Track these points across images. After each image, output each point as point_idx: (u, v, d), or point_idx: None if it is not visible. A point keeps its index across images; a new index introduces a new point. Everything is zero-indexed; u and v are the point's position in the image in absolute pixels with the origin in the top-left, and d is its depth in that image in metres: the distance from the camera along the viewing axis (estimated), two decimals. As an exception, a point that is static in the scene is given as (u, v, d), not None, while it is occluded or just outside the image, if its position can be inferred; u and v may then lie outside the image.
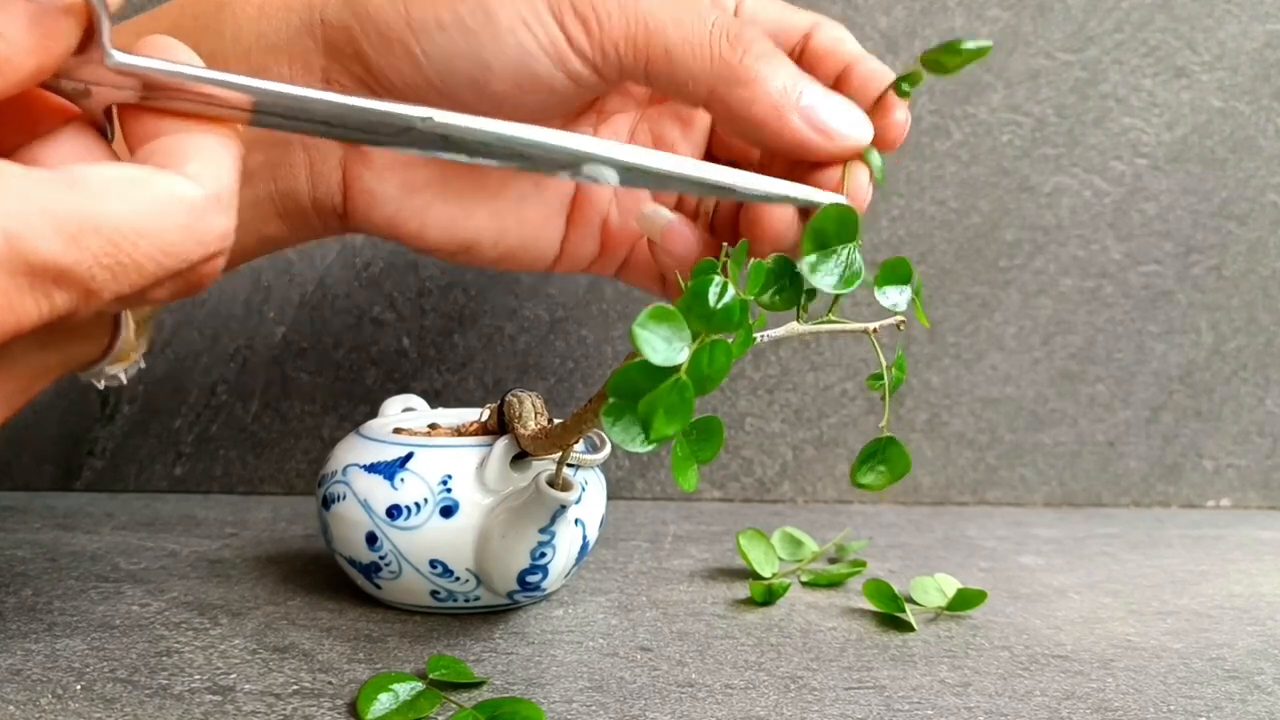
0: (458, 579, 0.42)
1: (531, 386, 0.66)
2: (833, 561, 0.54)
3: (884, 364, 0.38)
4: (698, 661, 0.41)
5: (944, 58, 0.34)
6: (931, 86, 0.66)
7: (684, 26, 0.35)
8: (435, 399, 0.66)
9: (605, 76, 0.36)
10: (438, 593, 0.43)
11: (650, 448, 0.30)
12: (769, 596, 0.47)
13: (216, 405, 0.66)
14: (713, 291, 0.30)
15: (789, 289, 0.35)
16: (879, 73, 0.38)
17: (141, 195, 0.26)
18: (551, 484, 0.38)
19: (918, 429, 0.68)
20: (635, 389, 0.30)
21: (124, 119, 0.29)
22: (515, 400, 0.43)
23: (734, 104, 0.35)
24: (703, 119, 0.43)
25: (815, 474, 0.68)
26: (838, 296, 0.36)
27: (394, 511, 0.42)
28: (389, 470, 0.43)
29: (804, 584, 0.51)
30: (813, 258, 0.35)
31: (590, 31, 0.35)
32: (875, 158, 0.37)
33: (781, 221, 0.37)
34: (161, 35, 0.29)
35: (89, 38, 0.28)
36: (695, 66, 0.35)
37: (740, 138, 0.39)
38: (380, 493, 0.42)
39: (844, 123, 0.36)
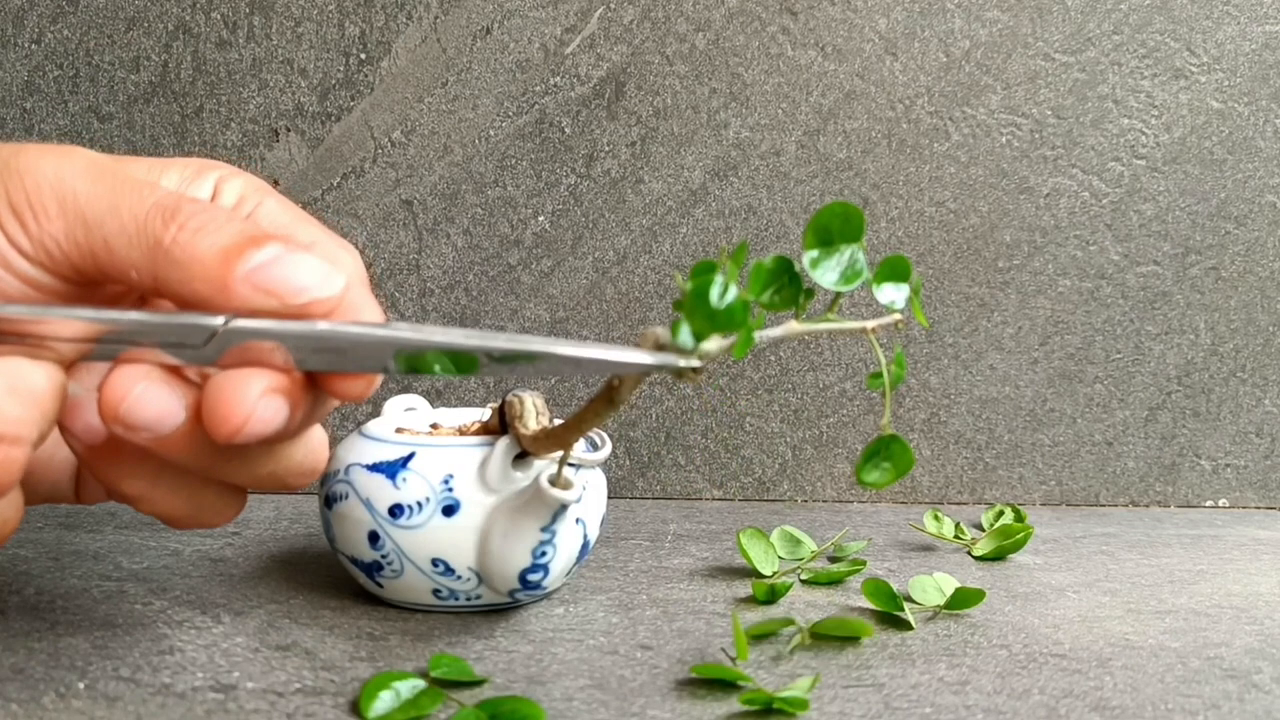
0: (459, 577, 0.43)
1: (533, 387, 0.67)
2: (832, 560, 0.55)
3: (883, 362, 0.38)
4: (698, 660, 0.41)
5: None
6: (930, 88, 0.66)
7: (120, 213, 0.31)
8: (437, 399, 0.66)
9: (66, 277, 0.32)
10: (439, 591, 0.43)
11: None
12: (772, 595, 0.48)
13: (218, 405, 0.66)
14: (715, 291, 0.30)
15: (788, 288, 0.35)
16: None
17: None
18: (553, 483, 0.38)
19: (916, 429, 0.68)
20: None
21: None
22: (517, 400, 0.43)
23: (176, 287, 0.30)
24: None
25: (814, 473, 0.68)
26: (838, 296, 0.36)
27: (396, 510, 0.42)
28: (391, 469, 0.43)
29: (803, 582, 0.51)
30: (814, 253, 0.35)
31: (29, 230, 0.31)
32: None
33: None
34: None
35: None
36: (135, 255, 0.30)
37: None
38: (382, 492, 0.42)
39: (297, 279, 0.30)
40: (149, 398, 0.30)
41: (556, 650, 0.41)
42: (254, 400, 0.30)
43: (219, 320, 0.30)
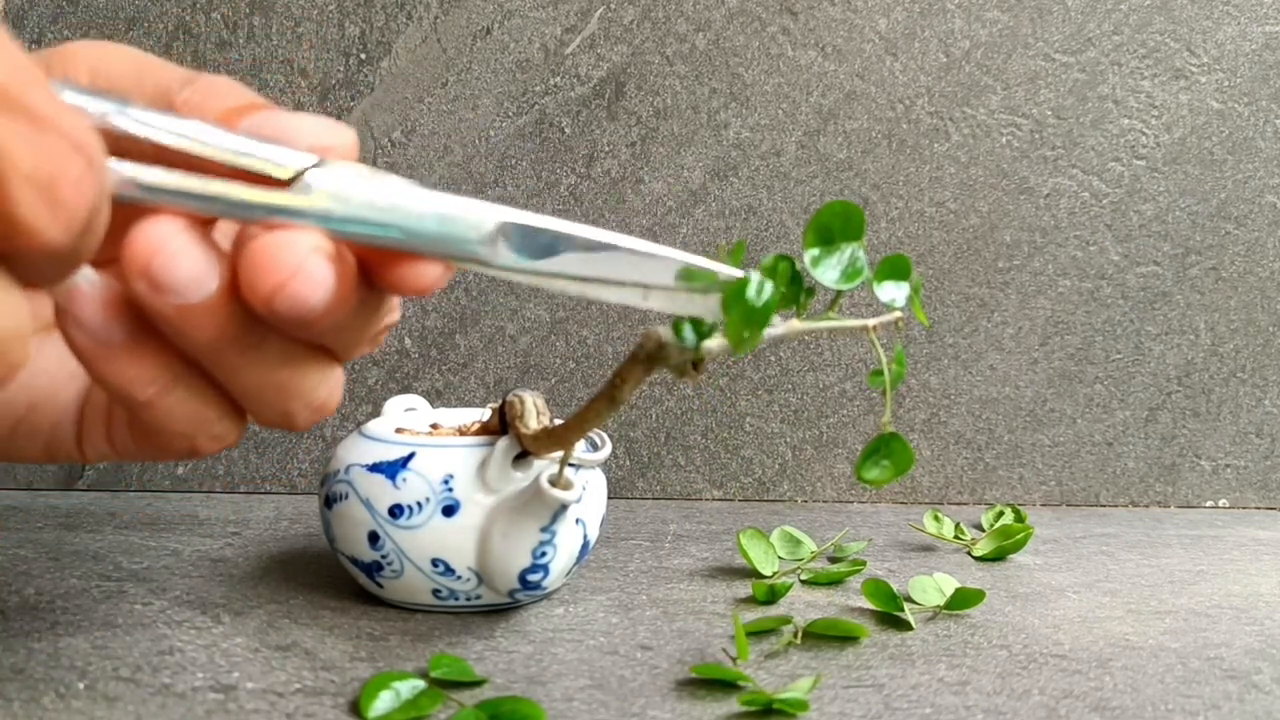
0: (459, 578, 0.43)
1: (533, 386, 0.67)
2: (832, 560, 0.55)
3: (884, 360, 0.38)
4: (698, 660, 0.41)
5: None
6: (930, 89, 0.66)
7: (143, 79, 0.30)
8: (437, 399, 0.66)
9: None
10: (439, 591, 0.43)
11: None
12: (771, 596, 0.48)
13: (218, 405, 0.66)
14: (752, 290, 0.30)
15: (789, 287, 0.35)
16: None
17: None
18: (553, 483, 0.38)
19: (916, 429, 0.68)
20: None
21: None
22: (517, 400, 0.43)
23: None
24: None
25: (814, 474, 0.68)
26: (838, 295, 0.36)
27: (396, 510, 0.42)
28: (391, 469, 0.43)
29: (803, 583, 0.51)
30: (815, 252, 0.35)
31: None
32: None
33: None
34: None
35: None
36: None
37: None
38: (382, 492, 0.42)
39: (301, 130, 0.28)
40: (185, 254, 0.26)
41: (556, 650, 0.41)
42: (303, 255, 0.26)
43: (310, 158, 0.26)
